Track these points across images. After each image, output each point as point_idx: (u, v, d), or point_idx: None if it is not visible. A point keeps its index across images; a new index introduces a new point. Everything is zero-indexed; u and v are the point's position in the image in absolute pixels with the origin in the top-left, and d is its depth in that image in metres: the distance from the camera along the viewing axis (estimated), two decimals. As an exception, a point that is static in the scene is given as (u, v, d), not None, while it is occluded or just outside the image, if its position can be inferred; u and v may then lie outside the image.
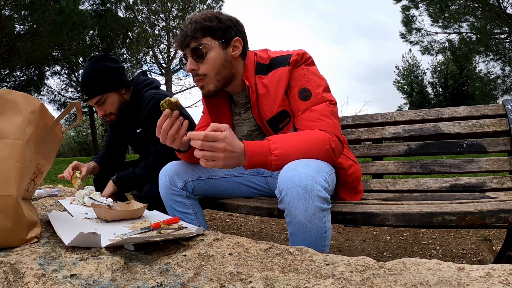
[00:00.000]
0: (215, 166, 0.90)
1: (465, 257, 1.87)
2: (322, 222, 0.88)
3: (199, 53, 1.06)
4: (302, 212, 0.86)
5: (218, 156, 0.88)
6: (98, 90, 1.58)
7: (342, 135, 1.09)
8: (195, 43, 1.06)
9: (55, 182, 5.85)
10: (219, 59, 1.08)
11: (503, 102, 1.47)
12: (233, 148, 0.89)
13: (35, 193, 1.53)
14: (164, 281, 0.58)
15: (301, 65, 1.11)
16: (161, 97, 1.62)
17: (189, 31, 1.05)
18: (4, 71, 13.10)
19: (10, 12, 10.83)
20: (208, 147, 0.87)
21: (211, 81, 1.10)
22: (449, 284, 0.51)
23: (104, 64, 1.61)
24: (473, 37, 11.18)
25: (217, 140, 0.87)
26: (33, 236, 0.77)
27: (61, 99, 16.93)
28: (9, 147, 0.74)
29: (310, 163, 0.90)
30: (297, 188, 0.85)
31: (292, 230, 0.90)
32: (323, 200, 0.87)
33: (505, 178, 1.36)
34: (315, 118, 1.03)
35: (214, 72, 1.09)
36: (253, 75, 1.12)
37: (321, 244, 0.90)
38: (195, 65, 1.08)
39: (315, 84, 1.08)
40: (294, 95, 1.08)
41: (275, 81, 1.09)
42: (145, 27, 15.63)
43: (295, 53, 1.11)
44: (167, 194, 1.25)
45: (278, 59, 1.12)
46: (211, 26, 1.06)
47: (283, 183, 0.88)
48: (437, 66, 22.60)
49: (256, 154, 0.92)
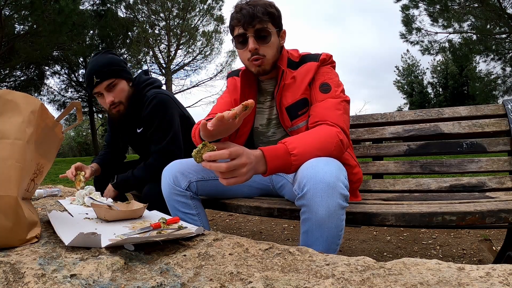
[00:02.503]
0: (237, 182, 0.85)
1: (465, 257, 1.87)
2: (340, 220, 0.89)
3: (264, 34, 1.14)
4: (324, 209, 0.86)
5: (241, 172, 0.84)
6: (111, 73, 1.55)
7: (349, 131, 1.13)
8: (260, 25, 1.12)
9: (55, 182, 5.86)
10: (276, 45, 1.18)
11: (503, 102, 1.47)
12: (250, 159, 0.86)
13: (35, 193, 1.53)
14: (164, 281, 0.58)
15: (328, 64, 1.23)
16: (164, 97, 1.62)
17: (257, 12, 1.10)
18: (4, 71, 13.10)
19: (10, 12, 10.82)
20: (234, 166, 0.82)
21: (268, 62, 1.18)
22: (449, 284, 0.51)
23: (112, 56, 1.62)
24: (474, 37, 11.18)
25: (238, 155, 0.84)
26: (33, 236, 0.77)
27: (61, 99, 16.91)
28: (9, 147, 0.74)
29: (330, 161, 0.92)
30: (321, 184, 0.86)
31: (309, 227, 0.91)
32: (344, 198, 0.89)
33: (505, 178, 1.36)
34: (329, 107, 1.11)
35: (272, 55, 1.17)
36: (285, 67, 1.21)
37: (335, 242, 0.91)
38: (257, 45, 1.14)
39: (336, 83, 1.18)
40: (315, 87, 1.18)
41: (303, 73, 1.20)
42: (145, 27, 15.64)
43: (324, 54, 1.24)
44: (170, 194, 1.23)
45: (308, 56, 1.24)
46: (273, 13, 1.14)
47: (307, 178, 0.88)
48: (436, 66, 22.61)
49: (275, 157, 0.91)
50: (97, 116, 18.84)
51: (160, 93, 1.63)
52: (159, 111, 1.59)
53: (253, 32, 1.13)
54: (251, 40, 1.13)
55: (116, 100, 1.57)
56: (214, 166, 0.81)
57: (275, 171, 0.93)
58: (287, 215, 1.13)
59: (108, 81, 1.54)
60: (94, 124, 17.54)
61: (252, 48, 1.13)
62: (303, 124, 1.18)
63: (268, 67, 1.18)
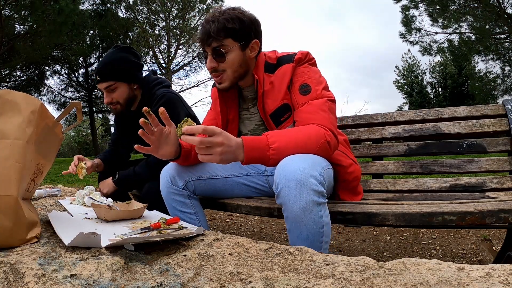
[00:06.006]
0: (211, 160, 0.90)
1: (465, 257, 1.87)
2: (318, 216, 0.89)
3: (219, 53, 1.12)
4: (297, 206, 0.87)
5: (215, 150, 0.88)
6: (112, 76, 1.59)
7: (337, 130, 1.12)
8: (216, 43, 1.11)
9: (55, 182, 5.86)
10: (238, 60, 1.15)
11: (503, 102, 1.47)
12: (229, 142, 0.90)
13: (35, 193, 1.53)
14: (164, 281, 0.58)
15: (304, 63, 1.19)
16: (172, 96, 1.66)
17: (212, 31, 1.09)
18: (4, 71, 13.09)
19: (10, 12, 10.82)
20: (207, 142, 0.87)
21: (228, 78, 1.17)
22: (449, 284, 0.51)
23: (125, 55, 1.64)
24: (473, 37, 11.18)
25: (215, 134, 0.88)
26: (33, 236, 0.77)
27: (61, 99, 16.91)
28: (9, 147, 0.74)
29: (305, 158, 0.91)
30: (292, 182, 0.87)
31: (290, 225, 0.92)
32: (318, 193, 0.88)
33: (505, 178, 1.36)
34: (313, 111, 1.08)
35: (232, 70, 1.16)
36: (262, 73, 1.19)
37: (318, 239, 0.91)
38: (215, 63, 1.14)
39: (316, 82, 1.14)
40: (295, 90, 1.15)
41: (280, 77, 1.17)
42: (145, 27, 15.63)
43: (300, 52, 1.19)
44: (168, 194, 1.25)
45: (284, 57, 1.20)
46: (233, 28, 1.10)
47: (279, 177, 0.89)
48: (435, 66, 22.61)
49: (254, 148, 0.93)
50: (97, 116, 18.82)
51: (169, 92, 1.67)
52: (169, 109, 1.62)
53: (210, 50, 1.13)
54: (209, 58, 1.14)
55: (114, 101, 1.64)
56: (189, 139, 0.87)
57: (252, 161, 0.95)
58: (287, 215, 1.12)
59: (107, 83, 1.60)
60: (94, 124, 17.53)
61: (209, 66, 1.14)
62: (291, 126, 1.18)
63: (227, 84, 1.17)
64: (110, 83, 1.60)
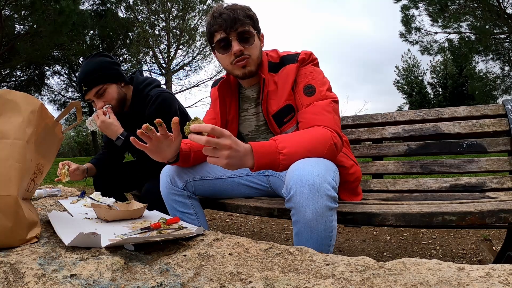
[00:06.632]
0: (216, 163, 0.88)
1: (465, 257, 1.87)
2: (329, 221, 0.89)
3: (247, 36, 1.13)
4: (311, 211, 0.86)
5: (222, 153, 0.86)
6: (98, 80, 1.59)
7: (341, 132, 1.12)
8: (243, 28, 1.12)
9: (55, 182, 5.84)
10: (259, 46, 1.18)
11: (503, 102, 1.47)
12: (237, 147, 0.88)
13: (35, 193, 1.53)
14: (164, 281, 0.58)
15: (308, 63, 1.19)
16: (168, 95, 1.67)
17: (239, 15, 1.11)
18: (4, 71, 13.10)
19: (10, 12, 10.82)
20: (214, 143, 0.85)
21: (254, 62, 1.17)
22: (449, 284, 0.51)
23: (101, 59, 1.65)
24: (473, 37, 11.18)
25: (223, 136, 0.86)
26: (33, 236, 0.77)
27: (61, 99, 16.91)
28: (9, 147, 0.74)
29: (318, 162, 0.91)
30: (307, 187, 0.85)
31: (299, 229, 0.90)
32: (331, 199, 0.88)
33: (505, 178, 1.36)
34: (318, 112, 1.08)
35: (256, 55, 1.17)
36: (267, 72, 1.20)
37: (326, 243, 0.90)
38: (241, 46, 1.14)
39: (320, 82, 1.15)
40: (299, 90, 1.15)
41: (283, 77, 1.17)
42: (145, 27, 15.64)
43: (303, 53, 1.20)
44: (168, 194, 1.25)
45: (287, 57, 1.20)
46: (252, 16, 1.15)
47: (293, 181, 0.88)
48: (436, 66, 22.59)
49: (264, 154, 0.91)
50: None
51: (164, 91, 1.68)
52: (165, 108, 1.64)
53: (236, 35, 1.12)
54: (235, 43, 1.12)
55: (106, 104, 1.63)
56: (196, 138, 0.85)
57: (262, 167, 0.93)
58: (287, 215, 1.12)
59: (96, 88, 1.59)
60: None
61: (237, 50, 1.12)
62: (292, 130, 1.18)
63: (253, 68, 1.17)
64: (98, 88, 1.59)
